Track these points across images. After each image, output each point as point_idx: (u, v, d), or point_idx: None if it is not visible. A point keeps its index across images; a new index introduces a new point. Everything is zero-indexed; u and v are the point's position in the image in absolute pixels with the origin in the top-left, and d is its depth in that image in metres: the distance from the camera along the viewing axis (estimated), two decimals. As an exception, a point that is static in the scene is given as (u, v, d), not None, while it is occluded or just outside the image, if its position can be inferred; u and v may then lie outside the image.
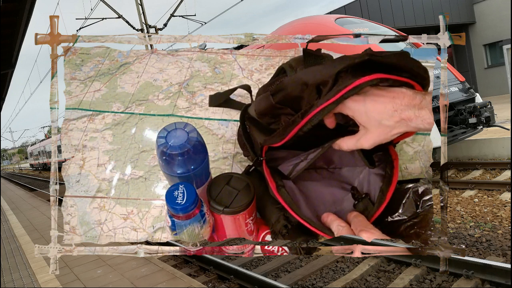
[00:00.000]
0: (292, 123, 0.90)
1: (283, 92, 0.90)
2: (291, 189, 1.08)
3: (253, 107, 1.02)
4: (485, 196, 5.38)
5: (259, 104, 0.97)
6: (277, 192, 1.01)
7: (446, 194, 1.09)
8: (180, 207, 0.93)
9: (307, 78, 0.86)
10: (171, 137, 0.92)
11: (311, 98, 0.87)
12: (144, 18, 13.92)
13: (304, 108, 0.88)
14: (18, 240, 6.21)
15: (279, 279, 3.69)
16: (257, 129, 1.03)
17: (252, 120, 1.05)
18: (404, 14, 14.75)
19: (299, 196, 1.10)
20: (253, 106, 1.02)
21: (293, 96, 0.89)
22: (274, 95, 0.92)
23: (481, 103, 6.41)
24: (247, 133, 1.11)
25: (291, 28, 7.39)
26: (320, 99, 0.84)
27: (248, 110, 1.08)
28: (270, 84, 1.04)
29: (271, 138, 0.96)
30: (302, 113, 0.87)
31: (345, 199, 1.11)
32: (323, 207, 1.10)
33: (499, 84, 15.62)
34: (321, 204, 1.11)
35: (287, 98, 0.90)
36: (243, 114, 1.11)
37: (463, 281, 3.12)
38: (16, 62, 9.27)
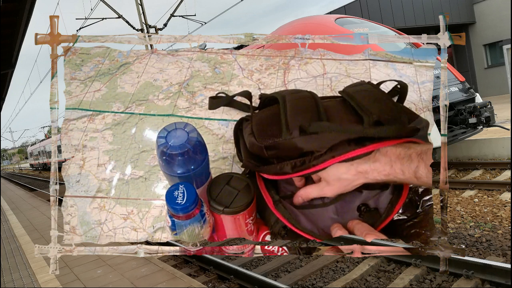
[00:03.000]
0: (281, 170, 0.95)
1: (276, 151, 0.95)
2: (288, 205, 1.08)
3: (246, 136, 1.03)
4: (485, 196, 5.38)
5: (251, 147, 1.00)
6: (274, 209, 1.02)
7: (446, 194, 1.09)
8: (180, 207, 0.93)
9: (302, 146, 0.91)
10: (171, 137, 0.92)
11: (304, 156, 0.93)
12: (144, 18, 13.92)
13: (295, 161, 0.93)
14: (18, 240, 6.21)
15: (279, 279, 3.69)
16: (246, 150, 1.05)
17: (243, 140, 1.07)
18: (404, 14, 14.75)
19: (297, 211, 1.09)
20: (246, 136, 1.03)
21: (286, 154, 0.94)
22: (268, 150, 0.95)
23: (481, 103, 6.41)
24: (239, 145, 1.13)
25: (291, 28, 7.38)
26: (313, 160, 0.91)
27: (242, 127, 1.09)
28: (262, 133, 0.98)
29: (263, 169, 1.00)
30: (292, 166, 0.93)
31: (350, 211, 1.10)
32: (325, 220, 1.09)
33: (499, 84, 15.62)
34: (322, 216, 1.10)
35: (280, 156, 0.95)
36: (237, 128, 1.12)
37: (463, 281, 3.12)
38: (16, 62, 9.27)
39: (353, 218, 1.05)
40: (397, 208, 1.01)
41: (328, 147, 0.89)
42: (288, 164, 0.93)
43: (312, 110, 0.96)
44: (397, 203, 1.01)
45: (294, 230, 1.00)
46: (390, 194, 1.04)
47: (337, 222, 1.04)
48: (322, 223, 1.07)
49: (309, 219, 1.08)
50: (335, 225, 1.03)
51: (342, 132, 0.88)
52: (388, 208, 1.01)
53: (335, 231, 1.02)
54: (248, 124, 1.04)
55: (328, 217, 1.08)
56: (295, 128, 0.92)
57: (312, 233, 1.01)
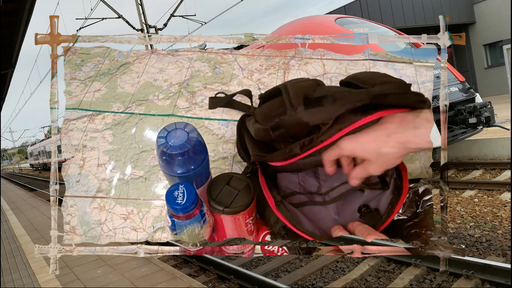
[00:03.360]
0: (290, 152, 0.93)
1: (283, 130, 0.93)
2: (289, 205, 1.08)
3: (251, 127, 1.02)
4: (485, 196, 5.38)
5: (258, 133, 0.98)
6: (276, 209, 1.02)
7: (446, 194, 1.09)
8: (180, 207, 0.93)
9: (308, 120, 0.89)
10: (171, 137, 0.92)
11: (311, 133, 0.90)
12: (144, 18, 13.91)
13: (303, 140, 0.90)
14: (18, 240, 6.21)
15: (279, 279, 3.69)
16: (252, 142, 1.04)
17: (248, 133, 1.06)
18: (404, 14, 14.75)
19: (298, 212, 1.09)
20: (251, 126, 1.02)
21: (293, 133, 0.93)
22: (274, 130, 0.94)
23: (481, 103, 6.40)
24: (243, 143, 1.12)
25: (291, 28, 7.38)
26: (321, 136, 0.87)
27: (245, 122, 1.08)
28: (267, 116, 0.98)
29: (272, 156, 0.98)
30: (301, 146, 0.91)
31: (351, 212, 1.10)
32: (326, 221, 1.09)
33: (499, 84, 15.61)
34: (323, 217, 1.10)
35: (287, 134, 0.94)
36: (240, 124, 1.11)
37: (463, 281, 3.12)
38: (16, 62, 9.26)
39: (354, 220, 1.05)
40: (397, 209, 1.01)
41: (334, 118, 0.86)
42: (297, 145, 0.91)
43: (315, 86, 0.96)
44: (397, 204, 1.01)
45: (295, 231, 1.00)
46: (390, 194, 1.04)
47: (338, 224, 1.04)
48: (323, 224, 1.07)
49: (310, 220, 1.08)
50: (336, 227, 1.03)
51: (347, 96, 0.85)
52: (389, 209, 1.01)
53: (336, 233, 1.02)
54: (251, 118, 1.04)
55: (329, 218, 1.08)
56: (299, 103, 0.91)
57: (313, 234, 1.01)
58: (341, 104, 0.85)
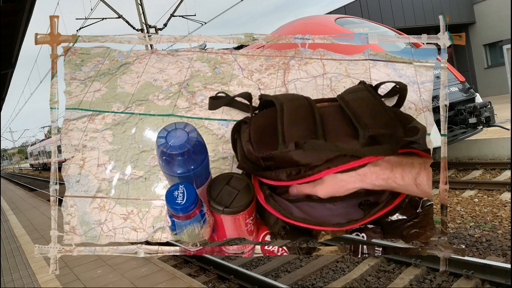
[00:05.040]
0: (277, 177, 0.98)
1: (273, 161, 0.98)
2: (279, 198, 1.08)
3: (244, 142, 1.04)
4: (485, 196, 5.38)
5: (249, 155, 1.02)
6: (265, 203, 1.03)
7: (446, 194, 1.09)
8: (180, 207, 0.93)
9: (298, 159, 0.94)
10: (171, 137, 0.92)
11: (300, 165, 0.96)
12: (144, 18, 13.92)
13: (290, 170, 0.96)
14: (18, 240, 6.21)
15: (279, 279, 3.69)
16: (243, 153, 1.06)
17: (241, 144, 1.08)
18: (404, 14, 14.75)
19: (292, 206, 1.09)
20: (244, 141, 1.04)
21: (282, 166, 0.97)
22: (265, 160, 0.98)
23: (481, 103, 6.40)
24: (235, 147, 1.14)
25: (291, 28, 7.38)
26: (308, 170, 0.94)
27: (240, 131, 1.09)
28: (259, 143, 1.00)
29: (260, 174, 1.02)
30: (288, 174, 0.96)
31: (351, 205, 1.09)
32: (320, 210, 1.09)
33: (499, 84, 15.61)
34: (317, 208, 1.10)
35: (276, 166, 0.98)
36: (235, 130, 1.12)
37: (463, 281, 3.12)
38: (16, 62, 9.26)
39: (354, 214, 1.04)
40: (396, 201, 1.00)
41: (324, 160, 0.92)
42: (284, 172, 0.96)
43: (309, 121, 0.98)
44: (398, 196, 1.01)
45: (287, 220, 1.01)
46: (390, 194, 1.04)
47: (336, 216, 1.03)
48: (317, 213, 1.06)
49: (303, 210, 1.08)
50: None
51: (336, 151, 0.91)
52: (389, 198, 1.00)
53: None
54: (246, 128, 1.05)
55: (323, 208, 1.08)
56: (291, 141, 0.93)
57: (305, 220, 1.01)
58: (332, 150, 0.91)
